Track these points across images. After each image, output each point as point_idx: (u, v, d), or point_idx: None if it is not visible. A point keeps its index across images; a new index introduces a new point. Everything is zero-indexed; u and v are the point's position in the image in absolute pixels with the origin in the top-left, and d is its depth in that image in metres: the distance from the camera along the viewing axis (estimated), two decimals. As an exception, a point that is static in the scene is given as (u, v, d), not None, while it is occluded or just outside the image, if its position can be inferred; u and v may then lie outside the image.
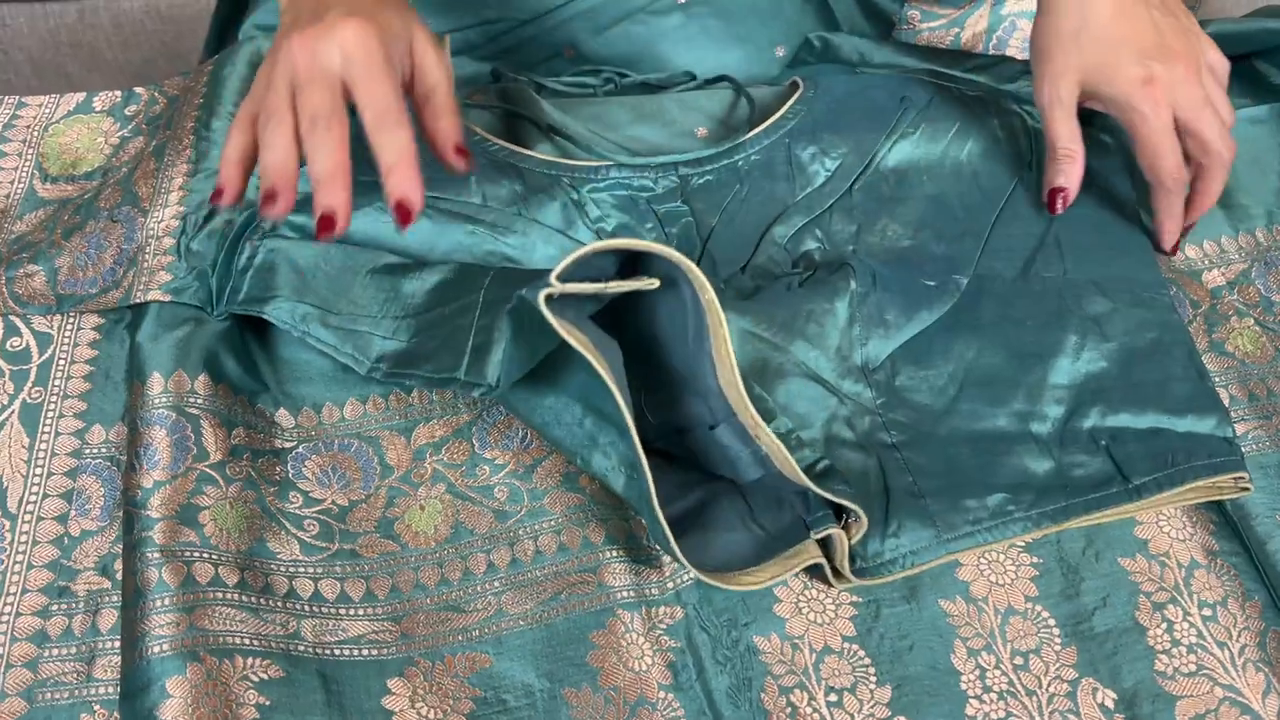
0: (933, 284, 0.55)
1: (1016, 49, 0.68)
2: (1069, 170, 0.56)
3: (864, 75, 0.65)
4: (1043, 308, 0.55)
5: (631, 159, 0.59)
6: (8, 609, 0.46)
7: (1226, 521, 0.49)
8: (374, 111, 0.46)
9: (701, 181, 0.59)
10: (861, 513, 0.44)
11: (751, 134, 0.61)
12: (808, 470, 0.45)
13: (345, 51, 0.46)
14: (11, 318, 0.54)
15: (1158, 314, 0.55)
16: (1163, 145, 0.54)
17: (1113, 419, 0.51)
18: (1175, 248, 0.57)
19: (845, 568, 0.46)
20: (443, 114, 0.50)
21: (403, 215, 0.46)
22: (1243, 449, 0.50)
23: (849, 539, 0.45)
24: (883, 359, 0.53)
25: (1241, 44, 0.66)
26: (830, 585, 0.47)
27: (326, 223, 0.45)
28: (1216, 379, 0.53)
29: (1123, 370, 0.52)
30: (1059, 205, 0.56)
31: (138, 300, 0.52)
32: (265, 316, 0.51)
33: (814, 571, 0.47)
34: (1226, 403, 0.52)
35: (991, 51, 0.68)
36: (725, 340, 0.43)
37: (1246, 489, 0.49)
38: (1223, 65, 0.57)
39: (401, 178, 0.46)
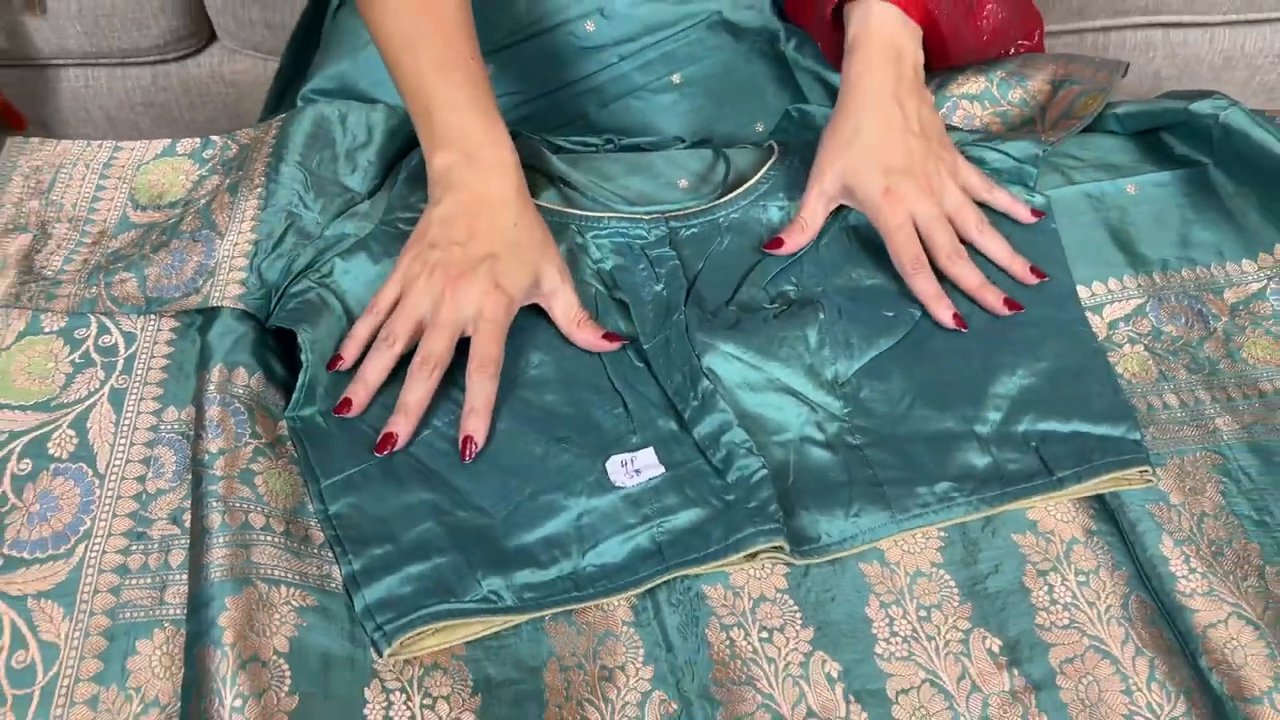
0: (891, 314, 0.65)
1: (959, 122, 0.78)
2: (795, 235, 0.68)
3: None
4: (987, 337, 0.64)
5: (629, 209, 0.70)
6: (95, 549, 0.55)
7: (1104, 508, 0.58)
8: (479, 362, 0.58)
9: (688, 233, 0.69)
10: (782, 541, 0.54)
11: (732, 195, 0.71)
12: (749, 477, 0.55)
13: (478, 311, 0.59)
14: (103, 319, 0.64)
15: (1082, 344, 0.64)
16: (896, 241, 0.65)
17: (1042, 425, 0.60)
18: (957, 319, 0.64)
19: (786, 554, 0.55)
20: (584, 330, 0.62)
21: (467, 447, 0.57)
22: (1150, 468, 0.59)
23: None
24: (849, 375, 0.63)
25: (1150, 120, 0.76)
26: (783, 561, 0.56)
27: (389, 440, 0.57)
28: (1107, 395, 0.63)
29: (1052, 387, 0.62)
30: (775, 250, 0.67)
31: (213, 305, 0.62)
32: (296, 331, 0.61)
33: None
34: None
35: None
36: None
37: (1150, 481, 0.58)
38: (979, 183, 0.69)
39: (477, 420, 0.57)
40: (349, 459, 0.57)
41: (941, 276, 0.65)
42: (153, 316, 0.65)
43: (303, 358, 0.59)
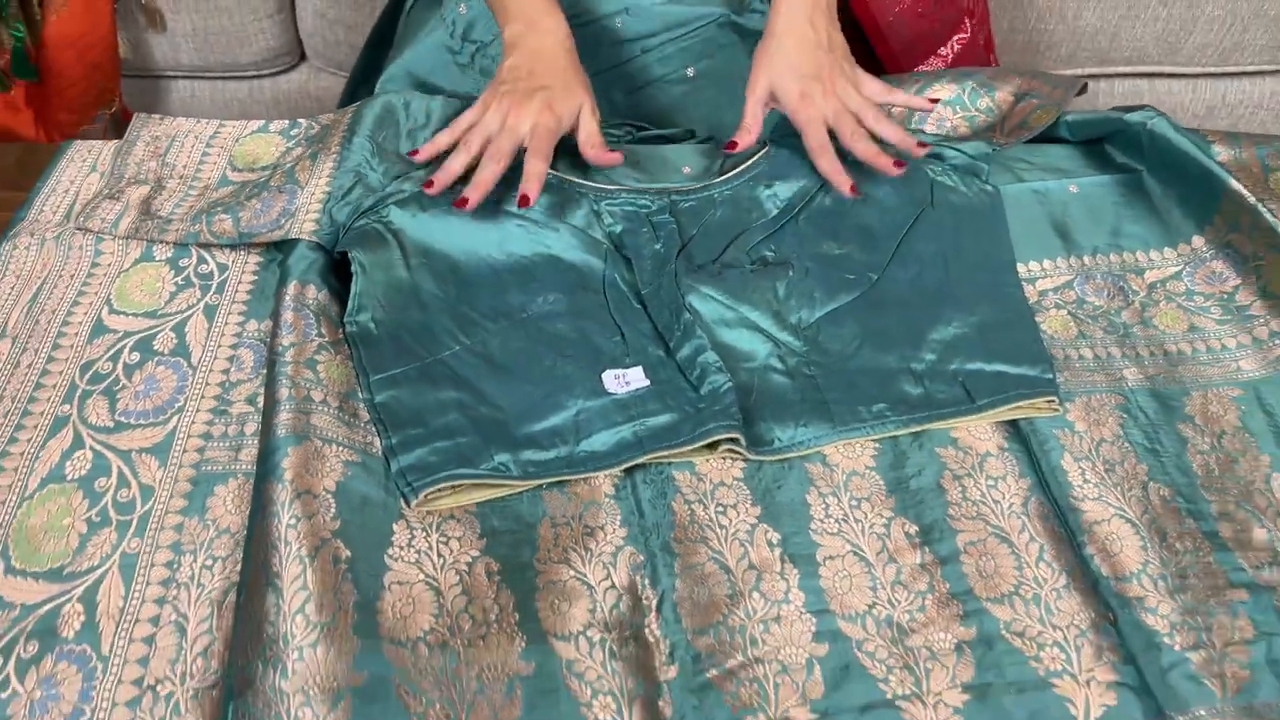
0: (852, 277, 0.77)
1: (933, 122, 0.89)
2: (743, 136, 0.83)
3: None
4: (931, 296, 0.75)
5: (637, 184, 0.82)
6: (186, 420, 0.68)
7: (1017, 431, 0.69)
8: (532, 152, 0.76)
9: (686, 205, 0.82)
10: (739, 433, 0.65)
11: (726, 176, 0.84)
12: (717, 389, 0.67)
13: (534, 124, 0.77)
14: (202, 251, 0.78)
15: (1013, 304, 0.75)
16: (808, 132, 0.80)
17: (970, 365, 0.71)
18: (853, 188, 0.78)
19: (744, 449, 0.66)
20: (596, 150, 0.80)
21: (524, 201, 0.74)
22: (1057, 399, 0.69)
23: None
24: (810, 322, 0.74)
25: (1094, 128, 0.87)
26: (741, 457, 0.67)
27: (463, 202, 0.75)
28: (1031, 346, 0.73)
29: (981, 336, 0.73)
30: (731, 150, 0.83)
31: (292, 238, 0.75)
32: (351, 253, 0.74)
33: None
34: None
35: (912, 128, 0.90)
36: None
37: (1056, 410, 0.69)
38: (879, 88, 0.82)
39: (531, 187, 0.74)
40: (394, 361, 0.69)
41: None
42: (242, 251, 0.78)
43: (354, 272, 0.72)
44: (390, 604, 0.57)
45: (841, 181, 0.78)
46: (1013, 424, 0.69)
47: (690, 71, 0.94)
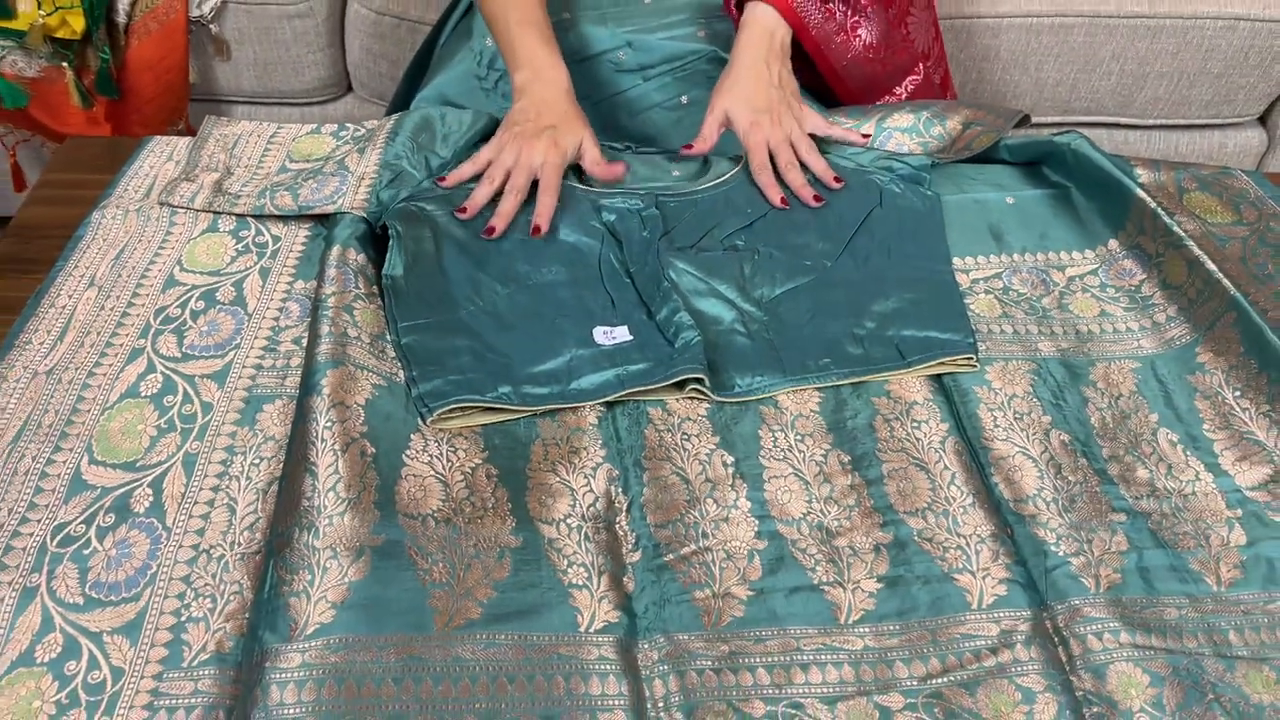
0: (809, 264, 0.89)
1: (892, 146, 1.02)
2: (699, 145, 0.97)
3: None
4: (872, 278, 0.87)
5: (631, 187, 0.95)
6: (241, 354, 0.80)
7: (941, 386, 0.80)
8: (544, 187, 0.90)
9: (672, 204, 0.94)
10: (704, 375, 0.76)
11: (706, 184, 0.96)
12: (689, 343, 0.78)
13: (544, 159, 0.91)
14: (260, 224, 0.91)
15: (945, 287, 0.86)
16: (753, 155, 0.95)
17: (904, 331, 0.82)
18: (783, 200, 0.92)
19: (708, 391, 0.77)
20: (602, 168, 0.94)
21: (537, 232, 0.88)
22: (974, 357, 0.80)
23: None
24: (771, 297, 0.86)
25: (1030, 151, 0.99)
26: (706, 399, 0.78)
27: (491, 230, 0.89)
28: (960, 321, 0.85)
29: (914, 308, 0.84)
30: (689, 152, 0.97)
31: (343, 210, 0.88)
32: (389, 224, 0.87)
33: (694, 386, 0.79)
34: (963, 332, 0.83)
35: (874, 147, 1.02)
36: None
37: (974, 367, 0.80)
38: (820, 123, 0.98)
39: (543, 220, 0.88)
40: (419, 313, 0.81)
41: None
42: (293, 225, 0.91)
43: (391, 237, 0.85)
44: (405, 489, 0.68)
45: (774, 195, 0.94)
46: (938, 380, 0.80)
47: (684, 99, 1.07)
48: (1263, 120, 1.46)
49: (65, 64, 1.31)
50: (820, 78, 1.06)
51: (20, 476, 0.71)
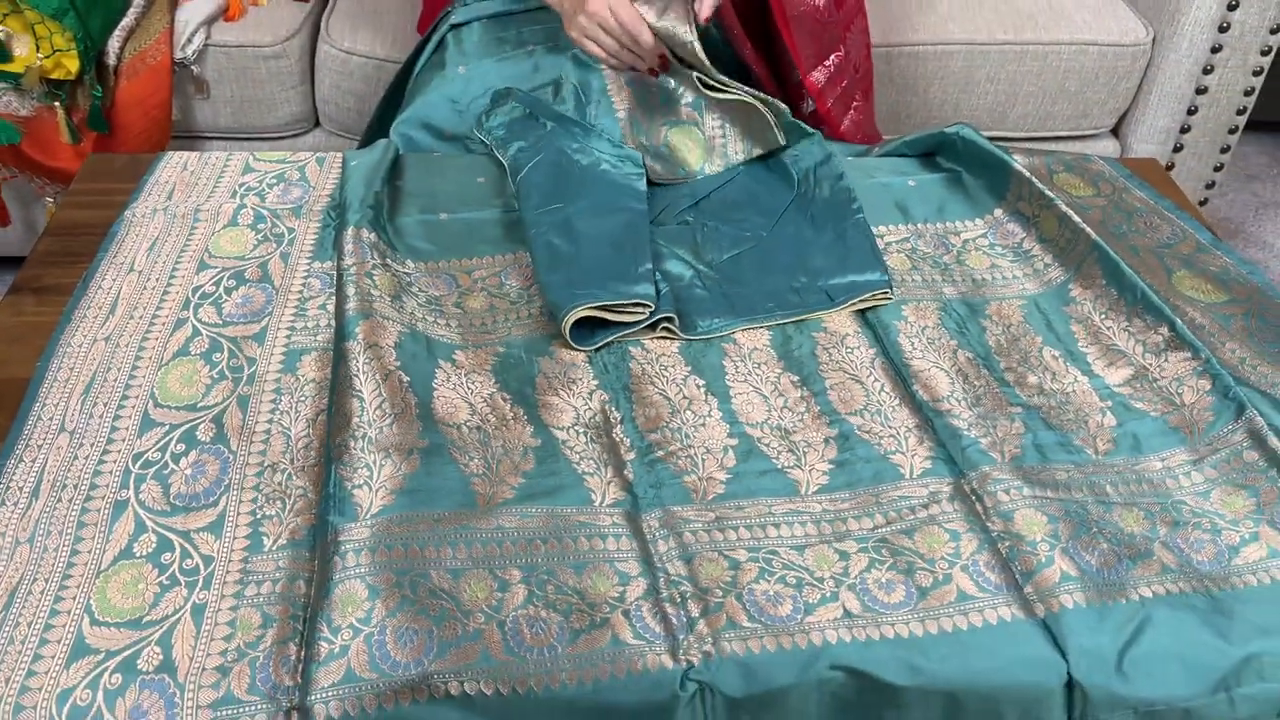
0: (748, 234, 1.04)
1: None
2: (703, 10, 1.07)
3: None
4: (803, 244, 1.02)
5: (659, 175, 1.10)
6: (274, 319, 0.91)
7: (867, 321, 0.95)
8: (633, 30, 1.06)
9: (664, 189, 1.09)
10: (673, 313, 0.91)
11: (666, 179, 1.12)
12: (661, 293, 0.93)
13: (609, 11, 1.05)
14: (275, 218, 1.03)
15: (864, 244, 1.01)
16: (582, 41, 1.10)
17: (831, 280, 0.97)
18: (706, 19, 1.05)
19: (677, 330, 0.91)
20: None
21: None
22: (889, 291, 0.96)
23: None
24: (719, 261, 1.00)
25: (925, 143, 1.17)
26: (676, 338, 0.92)
27: (651, 72, 1.09)
28: (880, 275, 1.01)
29: (840, 263, 0.99)
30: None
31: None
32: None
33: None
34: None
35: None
36: None
37: (890, 299, 0.95)
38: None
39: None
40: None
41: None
42: (305, 218, 1.03)
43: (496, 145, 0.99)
44: (439, 406, 0.80)
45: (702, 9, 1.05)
46: (863, 316, 0.96)
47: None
48: (1115, 131, 1.68)
49: (57, 103, 1.41)
50: (770, 26, 1.21)
51: (95, 420, 0.81)
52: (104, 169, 1.10)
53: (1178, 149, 1.66)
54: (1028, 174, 1.06)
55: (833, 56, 1.21)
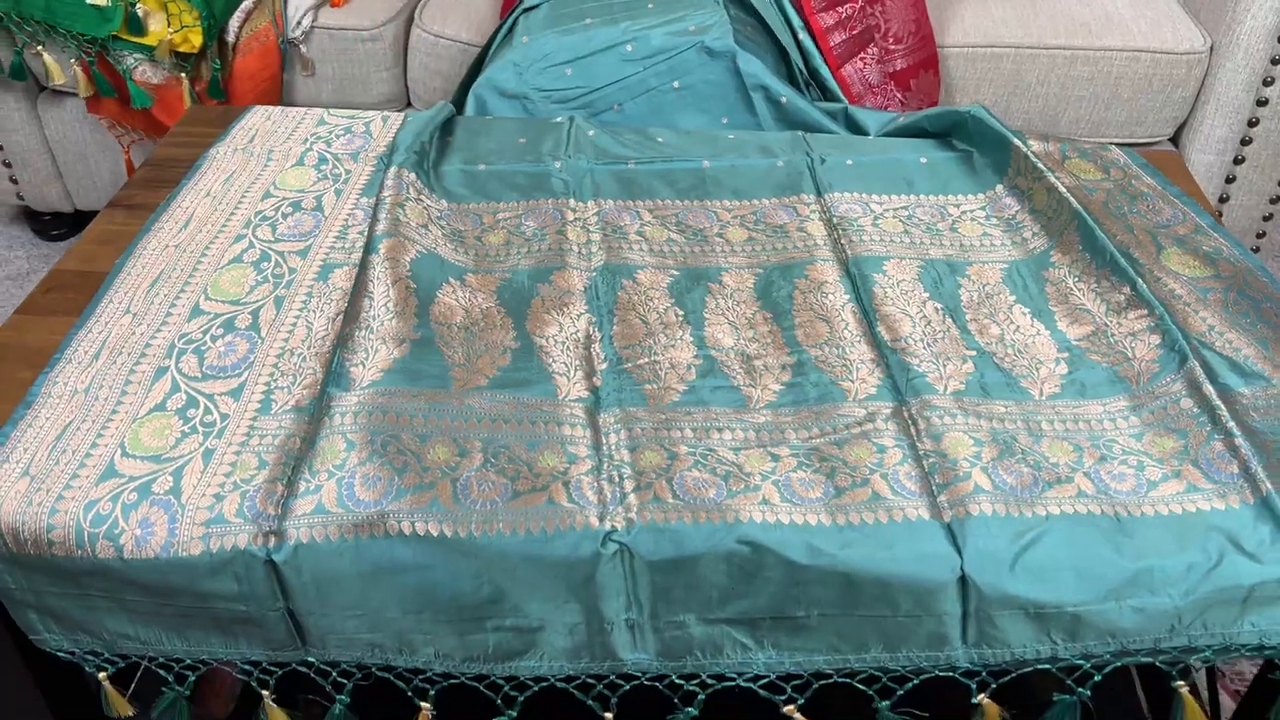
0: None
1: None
2: None
3: None
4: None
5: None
6: (319, 240, 1.03)
7: (847, 271, 1.01)
8: None
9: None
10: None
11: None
12: None
13: None
14: (335, 160, 1.16)
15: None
16: None
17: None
18: None
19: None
20: None
21: None
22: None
23: None
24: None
25: (944, 121, 1.22)
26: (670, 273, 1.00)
27: None
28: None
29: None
30: None
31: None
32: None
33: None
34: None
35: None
36: None
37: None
38: None
39: None
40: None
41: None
42: (360, 161, 1.16)
43: None
44: (437, 310, 0.91)
45: None
46: (845, 267, 1.02)
47: (676, 84, 1.32)
48: (1174, 141, 1.68)
49: (183, 74, 1.59)
50: None
51: (155, 306, 0.95)
52: (202, 117, 1.25)
53: (1238, 160, 1.65)
54: (1025, 150, 1.10)
55: (847, 4, 1.28)
